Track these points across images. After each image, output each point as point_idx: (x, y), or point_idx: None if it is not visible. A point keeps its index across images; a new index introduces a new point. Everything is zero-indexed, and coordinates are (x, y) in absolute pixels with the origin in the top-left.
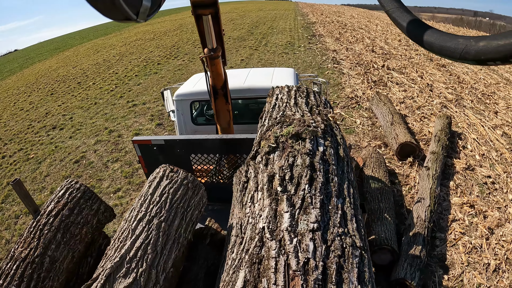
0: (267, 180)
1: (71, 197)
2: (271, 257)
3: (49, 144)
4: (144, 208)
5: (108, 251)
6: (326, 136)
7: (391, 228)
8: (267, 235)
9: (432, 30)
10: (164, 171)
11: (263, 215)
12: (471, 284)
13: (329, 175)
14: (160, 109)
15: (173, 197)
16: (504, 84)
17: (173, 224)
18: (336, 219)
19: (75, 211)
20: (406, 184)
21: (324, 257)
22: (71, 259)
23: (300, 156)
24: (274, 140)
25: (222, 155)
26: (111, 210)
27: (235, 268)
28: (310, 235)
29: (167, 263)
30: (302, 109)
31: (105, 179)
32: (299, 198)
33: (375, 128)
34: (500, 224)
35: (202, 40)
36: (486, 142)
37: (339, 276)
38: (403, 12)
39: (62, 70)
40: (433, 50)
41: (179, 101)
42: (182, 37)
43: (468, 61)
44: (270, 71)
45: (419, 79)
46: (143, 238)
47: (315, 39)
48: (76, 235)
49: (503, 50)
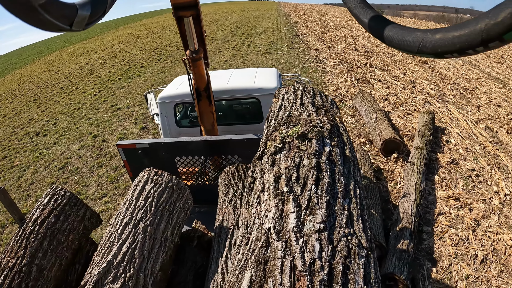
0: (274, 180)
1: (56, 204)
2: (277, 257)
3: (33, 151)
4: (129, 212)
5: (95, 257)
6: (333, 136)
7: (378, 224)
8: (273, 236)
9: (392, 25)
10: (148, 175)
11: (269, 215)
12: (460, 275)
13: (336, 175)
14: (144, 113)
15: (158, 200)
16: (486, 79)
17: (159, 228)
18: (342, 219)
19: (61, 218)
20: (392, 179)
21: (330, 257)
22: (59, 267)
23: (307, 157)
24: (281, 141)
25: (207, 157)
26: (97, 216)
27: (240, 269)
28: (316, 236)
29: (154, 267)
30: (309, 109)
31: (90, 184)
32: (305, 198)
33: (359, 125)
34: (486, 215)
35: (184, 42)
36: (469, 136)
37: (345, 277)
38: (364, 8)
39: (44, 75)
40: (393, 45)
41: (163, 104)
42: (165, 39)
43: (426, 55)
44: (253, 72)
45: (401, 76)
46: (130, 243)
47: (298, 39)
48: (63, 242)
49: (458, 42)
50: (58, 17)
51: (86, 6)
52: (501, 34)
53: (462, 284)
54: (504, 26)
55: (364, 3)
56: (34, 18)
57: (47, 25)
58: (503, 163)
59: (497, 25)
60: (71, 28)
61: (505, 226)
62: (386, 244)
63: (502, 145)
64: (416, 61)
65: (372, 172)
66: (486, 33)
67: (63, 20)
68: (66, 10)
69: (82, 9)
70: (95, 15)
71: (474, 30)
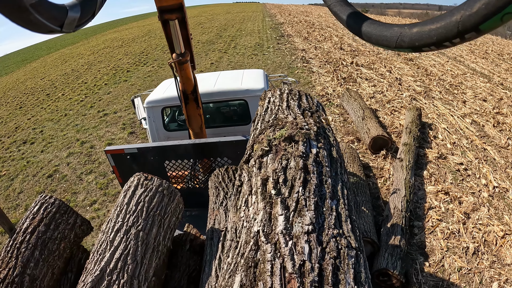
0: (261, 183)
1: (46, 213)
2: (266, 260)
3: (21, 160)
4: (120, 218)
5: (87, 265)
6: (319, 138)
7: (370, 221)
8: (262, 239)
9: (370, 21)
10: (138, 180)
11: (257, 218)
12: (452, 268)
13: (323, 177)
14: (132, 117)
15: (149, 205)
16: (471, 74)
17: (151, 233)
18: (330, 220)
19: (51, 227)
20: (381, 176)
21: (320, 258)
22: (51, 276)
23: (294, 159)
24: (267, 143)
25: (196, 160)
26: (88, 223)
27: (231, 273)
28: (305, 237)
29: (148, 272)
30: (295, 111)
31: (80, 192)
32: (293, 200)
33: (347, 124)
34: (476, 208)
35: (170, 46)
36: (456, 130)
37: (336, 277)
38: (343, 5)
39: (30, 82)
40: (371, 41)
41: (150, 108)
42: (151, 43)
43: (404, 49)
44: (240, 73)
45: (387, 74)
46: (122, 249)
47: (283, 40)
48: (55, 251)
49: (435, 34)
50: (49, 18)
51: (75, 8)
52: (477, 25)
53: (455, 276)
54: (479, 16)
55: (343, 1)
56: (24, 19)
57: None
58: (491, 156)
59: (472, 16)
60: (61, 30)
61: (495, 218)
62: (378, 241)
63: (489, 138)
64: (402, 59)
65: (362, 170)
66: (462, 25)
67: (53, 21)
68: (56, 11)
69: (71, 10)
70: (85, 16)
71: (450, 22)
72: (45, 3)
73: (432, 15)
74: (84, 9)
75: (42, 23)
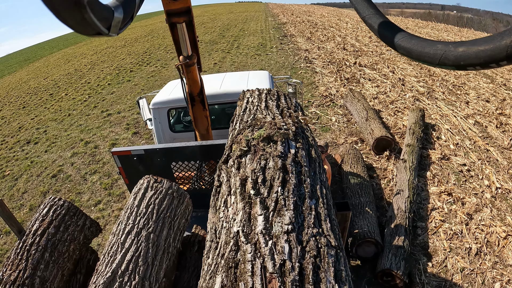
0: (240, 183)
1: (55, 215)
2: (247, 260)
3: (25, 160)
4: (131, 220)
5: (98, 267)
6: (298, 138)
7: (373, 221)
8: (242, 239)
9: (410, 36)
10: (148, 182)
11: (237, 219)
12: (455, 268)
13: (302, 176)
14: (136, 117)
15: (159, 208)
16: (474, 75)
17: (161, 235)
18: (310, 220)
19: (61, 229)
20: (384, 177)
21: (300, 258)
22: (61, 278)
23: (272, 159)
24: (246, 144)
25: (202, 162)
26: (97, 224)
27: (211, 274)
28: (285, 237)
29: (159, 273)
30: (273, 112)
31: (84, 192)
32: (272, 200)
33: (351, 124)
34: (478, 209)
35: (177, 48)
36: (459, 131)
37: (316, 276)
38: (379, 18)
39: (33, 82)
40: (412, 56)
41: (156, 110)
42: (154, 43)
43: (447, 67)
44: (245, 75)
45: (391, 74)
46: (133, 251)
47: (286, 40)
48: (64, 253)
49: (483, 56)
50: (100, 19)
51: (119, 9)
52: None
53: (458, 277)
54: None
55: (378, 13)
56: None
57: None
58: (493, 157)
59: None
60: (108, 33)
61: (497, 219)
62: (382, 241)
63: (491, 139)
64: (405, 59)
65: (365, 171)
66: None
67: (104, 23)
68: (106, 12)
69: (116, 11)
70: (126, 18)
71: (500, 45)
72: (97, 3)
73: (434, 14)
74: (126, 10)
75: (93, 23)
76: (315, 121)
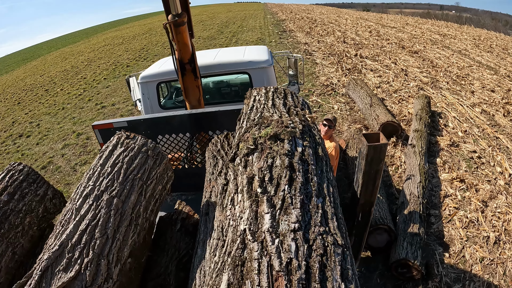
0: (247, 182)
1: (11, 180)
2: (253, 258)
3: (16, 152)
4: (92, 182)
5: (48, 240)
6: (305, 136)
7: (384, 207)
8: (248, 237)
9: None
10: (118, 138)
11: (244, 217)
12: (474, 258)
13: (309, 175)
14: (130, 109)
15: (128, 167)
16: (477, 67)
17: (128, 200)
18: (317, 218)
19: (16, 197)
20: (392, 164)
21: (307, 256)
22: (11, 257)
23: (279, 157)
24: (253, 142)
25: (192, 134)
26: (61, 195)
27: (218, 272)
28: (292, 235)
29: (122, 251)
30: (280, 110)
31: (73, 183)
32: (279, 199)
33: (354, 112)
34: (493, 196)
35: (165, 7)
36: (466, 119)
37: (323, 275)
38: None
39: (29, 79)
40: None
41: (145, 84)
42: (151, 40)
43: None
44: (242, 48)
45: (393, 65)
46: (89, 219)
47: (285, 34)
48: (17, 225)
49: None
50: None
51: None
52: None
53: (477, 267)
54: None
55: None
56: None
57: None
58: (504, 144)
59: None
60: None
61: None
62: (395, 229)
63: (500, 127)
64: (406, 52)
65: None
66: None
67: None
68: None
69: None
70: None
71: None
72: None
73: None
74: None
75: None
76: (316, 109)
